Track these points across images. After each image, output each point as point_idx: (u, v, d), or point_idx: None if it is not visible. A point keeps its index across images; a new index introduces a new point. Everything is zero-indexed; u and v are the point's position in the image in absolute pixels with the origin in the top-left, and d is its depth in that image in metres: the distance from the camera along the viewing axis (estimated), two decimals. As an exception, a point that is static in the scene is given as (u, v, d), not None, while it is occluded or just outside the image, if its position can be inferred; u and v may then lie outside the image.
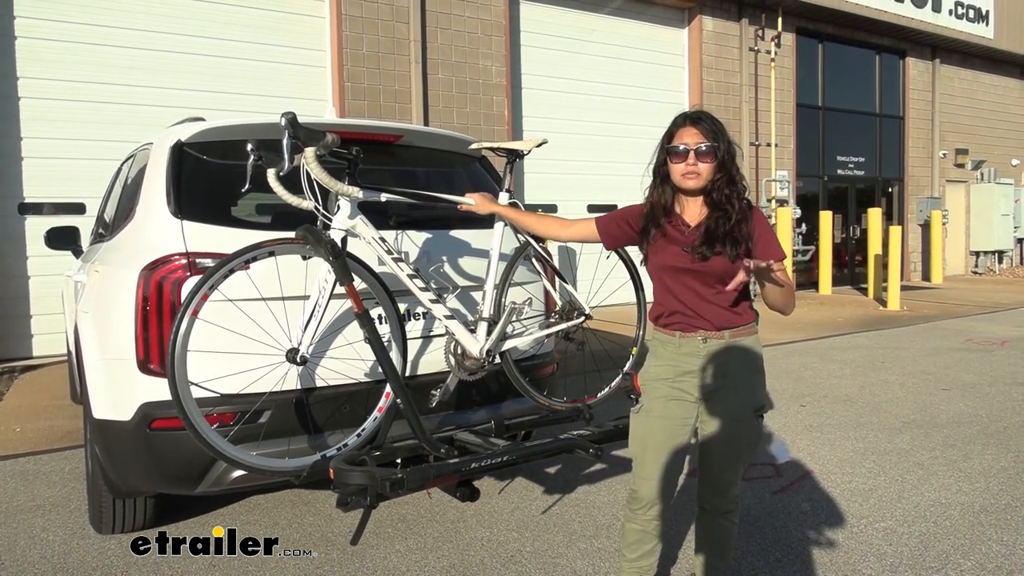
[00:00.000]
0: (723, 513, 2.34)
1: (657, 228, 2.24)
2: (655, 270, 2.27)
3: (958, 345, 7.70)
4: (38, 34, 7.60)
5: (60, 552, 3.03)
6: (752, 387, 2.24)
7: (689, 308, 2.21)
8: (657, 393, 2.25)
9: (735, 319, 2.22)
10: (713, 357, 2.21)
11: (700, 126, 2.19)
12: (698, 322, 2.21)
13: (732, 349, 2.22)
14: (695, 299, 2.20)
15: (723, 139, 2.18)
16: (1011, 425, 4.69)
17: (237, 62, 8.59)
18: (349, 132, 2.94)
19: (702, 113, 2.23)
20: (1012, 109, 17.91)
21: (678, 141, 2.20)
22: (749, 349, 2.24)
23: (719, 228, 2.15)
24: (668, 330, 2.26)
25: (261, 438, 2.65)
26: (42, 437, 4.77)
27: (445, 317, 2.80)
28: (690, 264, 2.16)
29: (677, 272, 2.20)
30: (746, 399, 2.22)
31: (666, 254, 2.21)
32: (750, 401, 2.23)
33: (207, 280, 2.38)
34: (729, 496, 2.32)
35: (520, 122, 10.63)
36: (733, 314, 2.22)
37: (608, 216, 2.44)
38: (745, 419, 2.22)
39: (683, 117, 2.24)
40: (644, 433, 2.27)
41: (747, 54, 12.71)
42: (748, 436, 2.24)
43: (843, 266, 14.90)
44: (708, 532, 2.39)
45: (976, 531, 3.12)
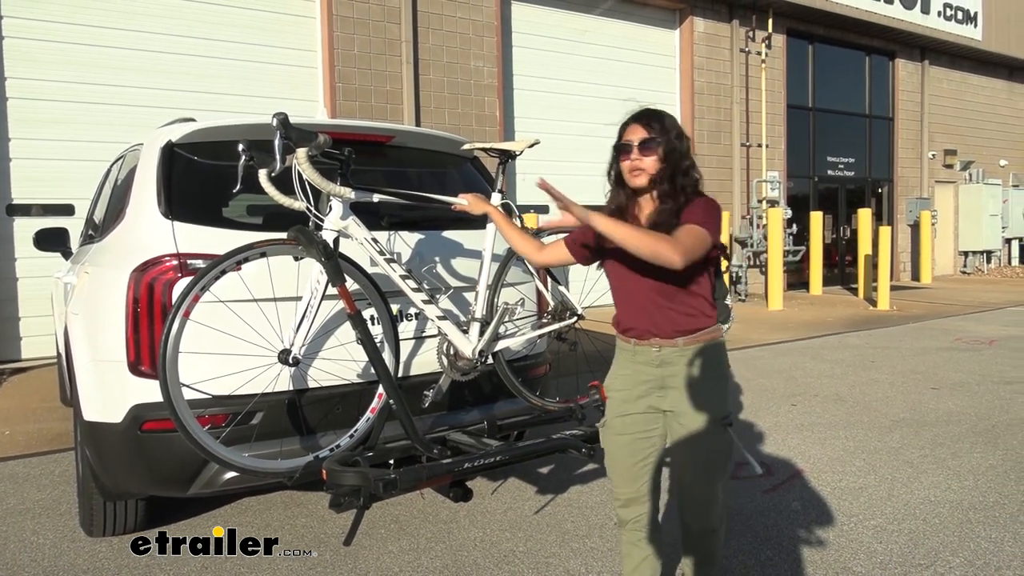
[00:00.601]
0: (708, 532, 2.20)
1: None
2: (608, 274, 2.23)
3: (947, 344, 7.75)
4: (26, 34, 7.55)
5: (50, 555, 3.02)
6: (713, 396, 2.11)
7: (642, 314, 2.13)
8: (616, 409, 2.20)
9: (690, 323, 2.10)
10: (668, 366, 2.11)
11: (643, 121, 2.12)
12: (652, 329, 2.11)
13: (688, 357, 2.10)
14: (646, 304, 2.11)
15: (669, 133, 2.10)
16: (999, 423, 4.72)
17: (228, 62, 8.56)
18: (341, 133, 2.94)
19: (648, 110, 2.16)
20: (1000, 110, 18.05)
21: (624, 138, 2.15)
22: (707, 356, 2.11)
23: (660, 220, 2.05)
24: (625, 337, 2.19)
25: (253, 439, 2.65)
26: (32, 440, 4.74)
27: (438, 318, 2.80)
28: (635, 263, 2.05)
29: (628, 275, 2.14)
30: (707, 410, 2.09)
31: (618, 257, 2.13)
32: (711, 411, 2.09)
33: (198, 281, 2.38)
34: (709, 514, 2.17)
35: (512, 123, 10.64)
36: (687, 318, 2.10)
37: (574, 233, 2.36)
38: (708, 431, 2.08)
39: (630, 116, 2.19)
40: (610, 450, 2.23)
41: (738, 55, 12.76)
42: (714, 448, 2.10)
43: (833, 266, 14.97)
44: (692, 550, 2.26)
45: (965, 528, 3.14)
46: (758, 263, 12.84)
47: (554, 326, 3.20)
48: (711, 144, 12.54)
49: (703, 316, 2.11)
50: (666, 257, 1.89)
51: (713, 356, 2.13)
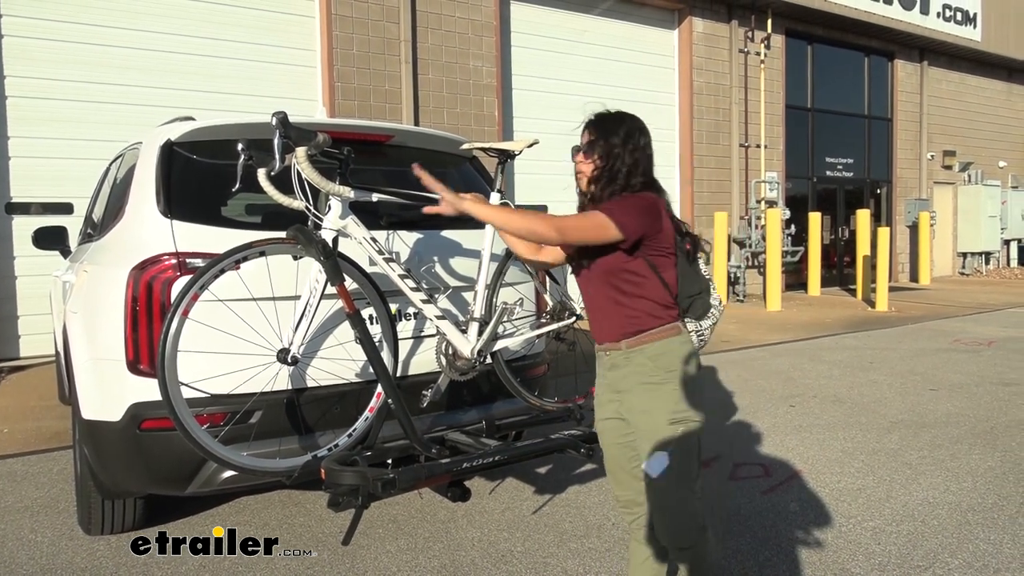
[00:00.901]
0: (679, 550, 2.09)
1: None
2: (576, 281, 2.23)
3: (946, 346, 7.75)
4: (26, 33, 7.54)
5: (48, 553, 3.01)
6: (659, 400, 2.03)
7: (594, 318, 2.14)
8: (597, 414, 2.21)
9: (631, 325, 2.06)
10: (617, 370, 2.10)
11: (588, 126, 2.14)
12: (603, 334, 2.12)
13: (632, 360, 2.06)
14: (597, 309, 2.12)
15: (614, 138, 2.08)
16: (998, 425, 4.73)
17: (227, 61, 8.56)
18: (340, 132, 2.93)
19: (598, 113, 2.16)
20: (999, 111, 18.06)
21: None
22: (652, 358, 2.05)
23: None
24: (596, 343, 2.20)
25: (252, 438, 2.64)
26: (30, 438, 4.74)
27: (436, 317, 2.80)
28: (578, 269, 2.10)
29: (584, 281, 2.15)
30: (653, 414, 2.03)
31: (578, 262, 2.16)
32: (658, 416, 2.02)
33: (197, 280, 2.38)
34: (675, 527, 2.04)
35: (511, 123, 10.64)
36: (629, 320, 2.06)
37: None
38: (657, 437, 2.01)
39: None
40: (604, 454, 2.25)
41: (737, 55, 12.76)
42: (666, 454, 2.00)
43: (832, 267, 14.98)
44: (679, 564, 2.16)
45: (963, 530, 3.14)
46: (756, 264, 12.85)
47: (553, 326, 3.20)
48: (710, 144, 12.54)
49: (648, 317, 2.06)
50: (540, 232, 1.95)
51: (660, 357, 2.05)
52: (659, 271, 2.06)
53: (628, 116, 2.16)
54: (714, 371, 6.44)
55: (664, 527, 2.07)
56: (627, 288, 2.06)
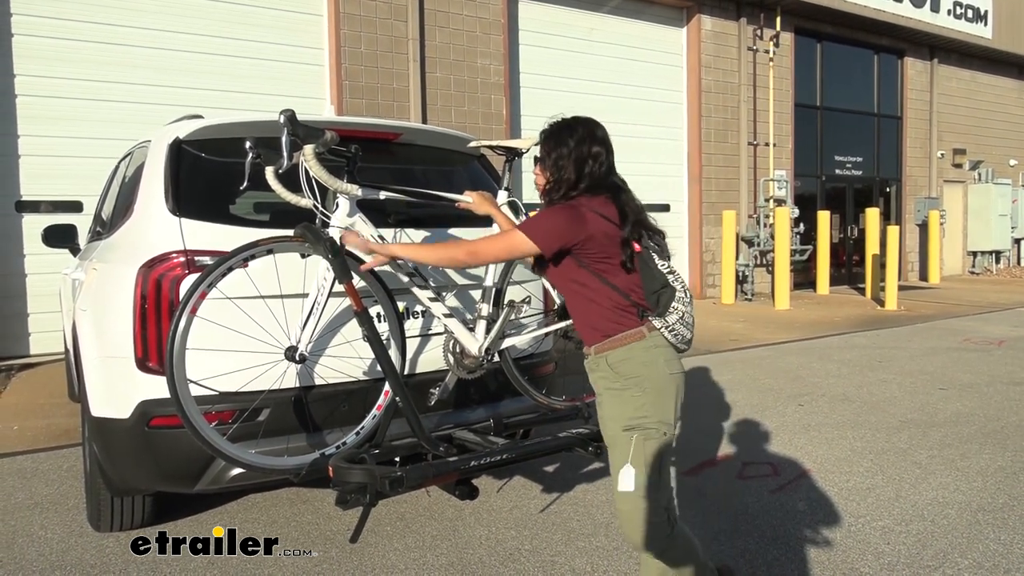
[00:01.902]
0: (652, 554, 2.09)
1: None
2: None
3: (955, 345, 7.71)
4: (34, 31, 7.58)
5: (58, 550, 3.03)
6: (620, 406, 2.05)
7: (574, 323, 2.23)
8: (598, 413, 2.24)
9: (601, 332, 2.09)
10: (592, 374, 2.16)
11: (541, 137, 2.23)
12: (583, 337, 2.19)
13: (600, 365, 2.10)
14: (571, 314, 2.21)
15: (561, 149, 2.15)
16: (1008, 424, 4.70)
17: (235, 60, 8.58)
18: (348, 130, 2.93)
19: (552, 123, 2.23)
20: (1010, 109, 17.94)
21: None
22: (616, 363, 2.06)
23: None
24: None
25: (260, 436, 2.65)
26: (40, 435, 4.77)
27: (444, 315, 2.80)
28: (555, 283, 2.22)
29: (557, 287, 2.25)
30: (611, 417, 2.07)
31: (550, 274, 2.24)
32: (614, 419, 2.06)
33: (205, 278, 2.38)
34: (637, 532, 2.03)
35: (518, 121, 10.63)
36: (589, 329, 2.12)
37: None
38: (611, 439, 2.07)
39: None
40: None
41: (745, 53, 12.71)
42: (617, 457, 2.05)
43: (841, 266, 14.91)
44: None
45: (973, 530, 3.12)
46: (765, 262, 12.81)
47: (560, 324, 3.19)
48: (718, 143, 12.50)
49: (609, 323, 2.07)
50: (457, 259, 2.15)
51: (621, 364, 2.06)
52: (605, 277, 2.07)
53: (580, 122, 2.20)
54: (722, 370, 6.42)
55: (626, 527, 2.08)
56: (581, 297, 2.12)
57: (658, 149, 11.97)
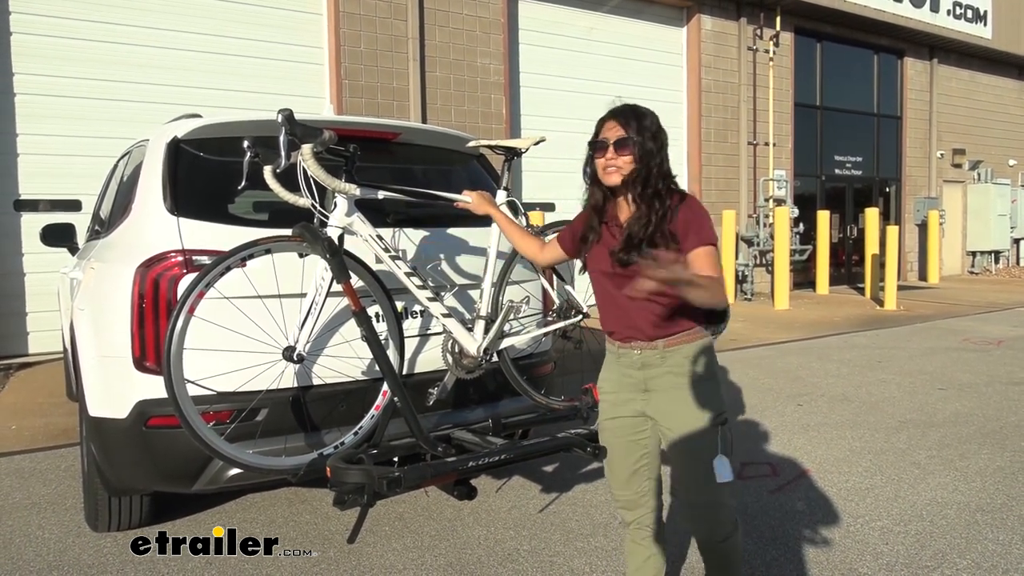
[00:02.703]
0: (719, 541, 2.13)
1: (594, 232, 2.13)
2: (590, 275, 2.18)
3: (955, 345, 7.71)
4: (33, 30, 7.57)
5: (56, 550, 3.02)
6: (697, 398, 2.04)
7: (622, 317, 2.08)
8: (606, 412, 2.19)
9: (670, 327, 2.04)
10: (649, 369, 2.07)
11: (619, 119, 2.05)
12: (632, 332, 2.08)
13: (668, 360, 2.05)
14: (627, 307, 2.04)
15: (646, 132, 2.03)
16: (1007, 425, 4.69)
17: (234, 59, 8.57)
18: (347, 129, 2.93)
19: (626, 106, 2.09)
20: (1009, 109, 17.94)
21: (600, 135, 2.08)
22: (689, 358, 2.06)
23: (639, 232, 2.00)
24: (610, 340, 2.16)
25: (258, 436, 2.65)
26: (38, 435, 4.76)
27: (442, 315, 2.79)
28: (612, 269, 2.04)
29: (606, 278, 2.09)
30: (692, 411, 2.04)
31: (597, 259, 2.11)
32: (697, 413, 2.03)
33: (203, 277, 2.37)
34: (711, 522, 2.09)
35: (518, 120, 10.63)
36: (667, 322, 2.04)
37: (565, 229, 2.33)
38: (696, 433, 2.03)
39: (607, 111, 2.11)
40: (608, 452, 2.22)
41: (745, 53, 12.71)
42: (707, 452, 2.01)
43: (840, 266, 14.91)
44: (708, 559, 2.21)
45: (972, 530, 3.12)
46: (764, 262, 12.80)
47: (559, 324, 3.19)
48: (718, 142, 12.49)
49: (685, 319, 2.05)
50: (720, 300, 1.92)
51: (696, 357, 2.06)
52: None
53: (653, 113, 2.12)
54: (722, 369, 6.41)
55: (701, 518, 2.10)
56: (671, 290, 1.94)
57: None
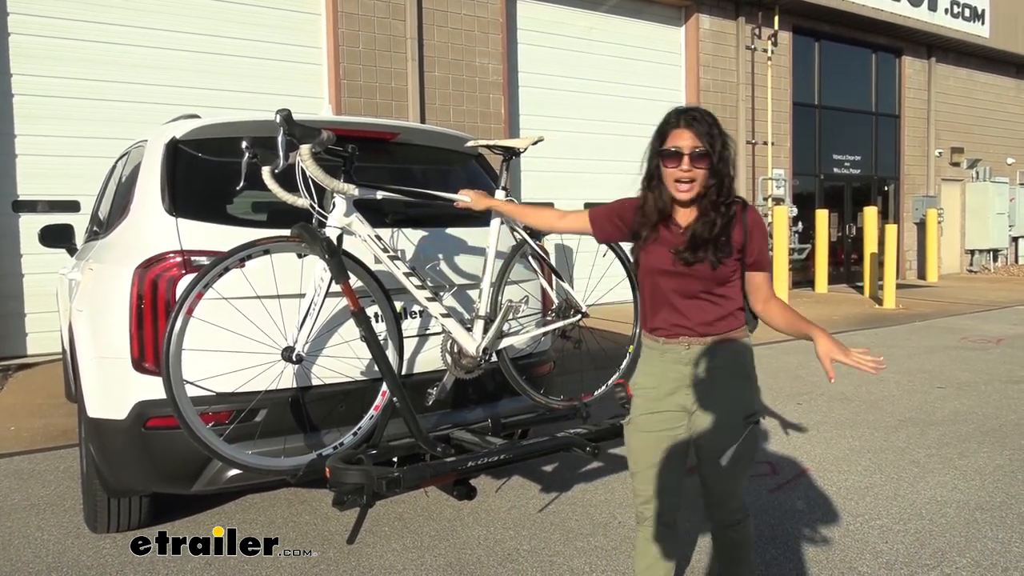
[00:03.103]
0: (729, 526, 2.24)
1: (651, 230, 2.14)
2: (643, 273, 2.20)
3: (954, 343, 7.71)
4: (31, 30, 7.57)
5: (55, 551, 3.02)
6: (740, 394, 2.13)
7: (673, 312, 2.13)
8: (643, 406, 2.19)
9: (720, 324, 2.12)
10: (696, 363, 2.12)
11: (695, 128, 2.04)
12: (681, 329, 2.12)
13: (716, 355, 2.12)
14: (679, 303, 2.11)
15: (718, 141, 2.05)
16: (1006, 423, 4.70)
17: (232, 59, 8.56)
18: (345, 129, 2.93)
19: (697, 112, 2.09)
20: (1007, 108, 17.95)
21: (671, 143, 2.06)
22: (735, 354, 2.14)
23: (704, 234, 2.05)
24: (654, 335, 2.19)
25: (257, 437, 2.65)
26: (37, 436, 4.75)
27: (441, 315, 2.79)
28: (673, 267, 2.09)
29: (663, 275, 2.13)
30: (732, 407, 2.11)
31: (655, 257, 2.14)
32: (737, 409, 2.11)
33: (202, 278, 2.37)
34: (729, 508, 2.21)
35: (517, 120, 10.62)
36: (718, 319, 2.11)
37: (601, 209, 2.37)
38: (733, 428, 2.10)
39: (676, 116, 2.09)
40: (634, 447, 2.23)
41: (744, 52, 12.71)
42: (738, 446, 2.10)
43: (839, 264, 14.92)
44: (720, 544, 2.31)
45: (972, 528, 3.12)
46: (763, 261, 12.79)
47: (558, 324, 3.19)
48: (716, 142, 12.48)
49: (731, 317, 2.13)
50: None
51: (741, 355, 2.15)
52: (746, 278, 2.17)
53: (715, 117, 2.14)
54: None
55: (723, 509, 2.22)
56: (724, 291, 2.11)
57: (656, 148, 11.95)
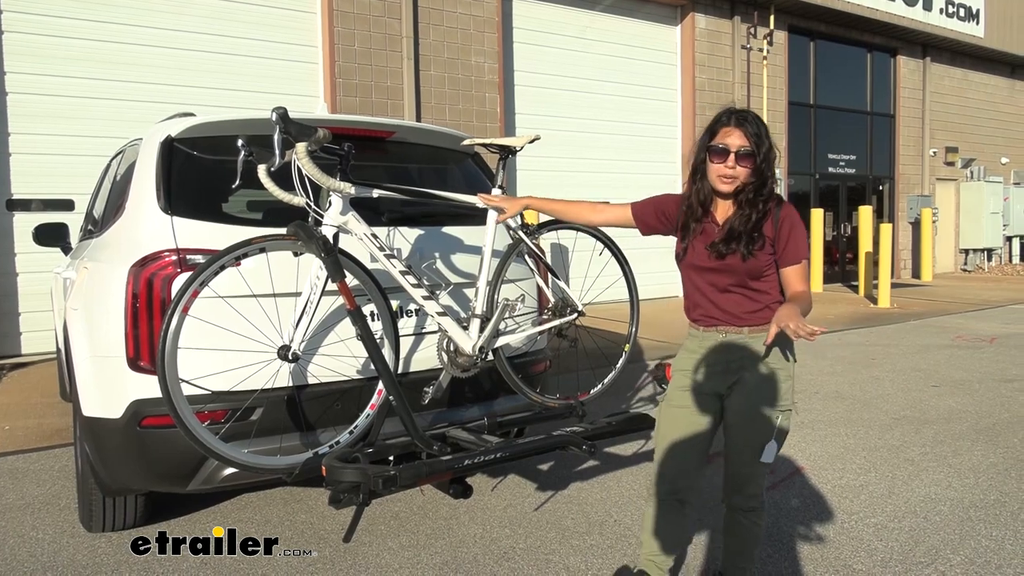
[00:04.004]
0: (744, 511, 2.33)
1: (697, 223, 2.28)
2: (684, 266, 2.32)
3: (948, 342, 7.74)
4: (25, 29, 7.54)
5: (50, 550, 3.01)
6: (771, 384, 2.23)
7: (710, 303, 2.27)
8: (677, 384, 2.34)
9: (755, 317, 2.24)
10: (731, 352, 2.25)
11: (745, 128, 2.17)
12: (718, 317, 2.26)
13: (753, 344, 2.24)
14: (715, 294, 2.26)
15: (764, 144, 2.17)
16: (1000, 421, 4.72)
17: (228, 58, 8.55)
18: (341, 128, 2.92)
19: (748, 114, 2.22)
20: (1001, 107, 18.01)
21: (720, 140, 2.19)
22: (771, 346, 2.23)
23: (739, 227, 2.18)
24: (694, 324, 2.34)
25: (253, 435, 2.64)
26: (31, 435, 4.74)
27: (438, 314, 2.79)
28: (708, 263, 2.23)
29: (699, 271, 2.27)
30: (763, 396, 2.22)
31: (692, 253, 2.28)
32: (767, 398, 2.22)
33: (197, 276, 2.37)
34: (746, 493, 2.30)
35: (513, 119, 10.63)
36: (753, 312, 2.24)
37: (644, 203, 2.46)
38: (761, 416, 2.22)
39: (728, 115, 2.22)
40: (663, 421, 2.36)
41: (739, 52, 12.73)
42: (764, 433, 2.22)
43: (834, 264, 14.96)
44: (730, 529, 2.39)
45: (965, 526, 3.14)
46: (759, 260, 12.82)
47: (555, 322, 3.19)
48: (712, 141, 12.50)
49: (767, 310, 2.23)
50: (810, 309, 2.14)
51: (776, 347, 2.23)
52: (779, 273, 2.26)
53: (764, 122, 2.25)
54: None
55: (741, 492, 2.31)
56: (759, 285, 2.23)
57: (652, 147, 11.97)
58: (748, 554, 2.38)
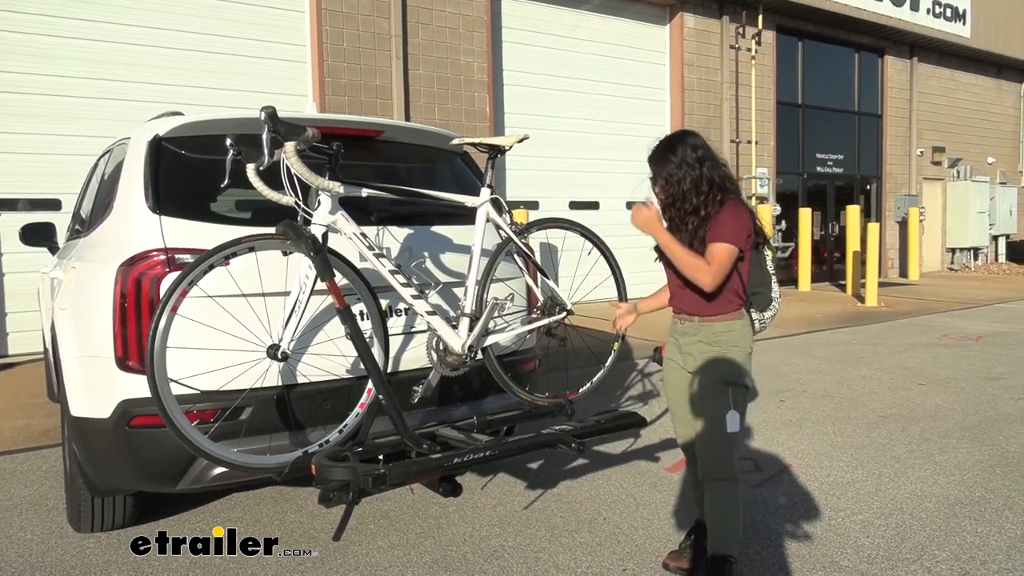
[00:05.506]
0: (708, 479, 2.54)
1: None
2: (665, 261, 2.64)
3: (934, 341, 7.80)
4: (7, 27, 7.48)
5: (38, 551, 3.00)
6: (718, 362, 2.50)
7: (673, 296, 2.66)
8: (666, 366, 2.73)
9: (707, 308, 2.53)
10: (688, 336, 2.60)
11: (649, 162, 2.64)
12: (680, 307, 2.64)
13: (702, 331, 2.55)
14: (678, 287, 2.62)
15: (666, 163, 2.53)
16: (985, 419, 4.76)
17: (216, 56, 8.52)
18: (330, 127, 2.93)
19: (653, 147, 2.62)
20: (988, 107, 18.16)
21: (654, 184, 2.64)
22: (720, 332, 2.52)
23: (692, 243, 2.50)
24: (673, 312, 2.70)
25: (242, 435, 2.64)
26: (19, 436, 4.71)
27: (427, 313, 2.80)
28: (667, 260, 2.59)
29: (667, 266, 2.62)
30: (712, 371, 2.50)
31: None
32: (713, 375, 2.49)
33: (186, 276, 2.36)
34: (706, 461, 2.53)
35: (502, 118, 10.63)
36: (706, 304, 2.53)
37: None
38: (706, 392, 2.50)
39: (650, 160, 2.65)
40: (665, 394, 2.77)
41: (728, 51, 12.78)
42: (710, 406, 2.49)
43: (822, 263, 15.04)
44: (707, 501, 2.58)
45: (951, 523, 3.17)
46: (748, 259, 12.87)
47: (543, 321, 3.20)
48: (701, 140, 12.54)
49: (723, 303, 2.51)
50: (700, 281, 2.42)
51: (726, 332, 2.51)
52: (739, 268, 2.49)
53: (676, 137, 2.58)
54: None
55: (712, 461, 2.53)
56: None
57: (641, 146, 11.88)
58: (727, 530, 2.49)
